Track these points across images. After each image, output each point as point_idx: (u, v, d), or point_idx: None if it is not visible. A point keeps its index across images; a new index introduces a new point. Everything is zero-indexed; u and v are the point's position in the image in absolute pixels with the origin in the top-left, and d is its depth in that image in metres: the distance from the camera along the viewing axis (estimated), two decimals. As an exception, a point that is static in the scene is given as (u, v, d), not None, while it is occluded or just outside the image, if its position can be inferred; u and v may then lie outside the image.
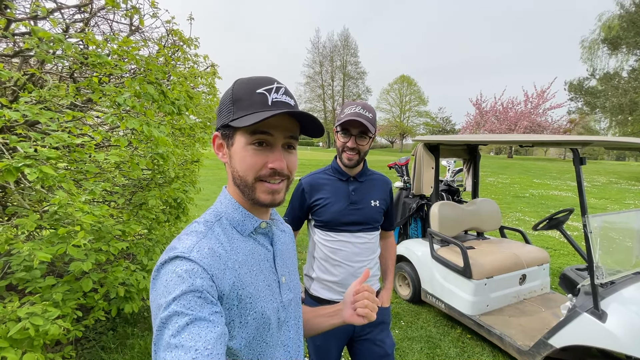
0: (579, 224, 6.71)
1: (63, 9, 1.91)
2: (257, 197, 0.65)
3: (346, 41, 54.37)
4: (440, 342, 2.74)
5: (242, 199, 0.68)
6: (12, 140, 1.27)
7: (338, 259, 1.38)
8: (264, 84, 0.64)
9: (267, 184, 0.64)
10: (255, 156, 0.63)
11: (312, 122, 0.66)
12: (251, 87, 0.64)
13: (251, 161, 0.63)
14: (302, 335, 0.81)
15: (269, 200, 0.65)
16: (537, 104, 27.96)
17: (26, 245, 1.31)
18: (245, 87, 0.64)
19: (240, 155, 0.64)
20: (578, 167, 2.06)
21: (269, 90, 0.63)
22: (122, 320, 2.66)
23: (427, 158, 3.27)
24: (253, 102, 0.62)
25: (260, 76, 0.66)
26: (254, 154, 0.63)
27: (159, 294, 0.54)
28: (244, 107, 0.62)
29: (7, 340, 1.24)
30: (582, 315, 2.03)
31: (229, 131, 0.65)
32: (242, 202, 0.69)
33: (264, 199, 0.65)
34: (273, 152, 0.64)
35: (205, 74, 3.30)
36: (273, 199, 0.66)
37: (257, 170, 0.64)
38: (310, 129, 0.69)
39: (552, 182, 13.21)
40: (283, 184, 0.66)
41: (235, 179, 0.66)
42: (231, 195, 0.70)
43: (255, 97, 0.63)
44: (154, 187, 2.42)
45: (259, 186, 0.65)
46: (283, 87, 0.66)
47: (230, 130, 0.65)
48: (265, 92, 0.63)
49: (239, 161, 0.64)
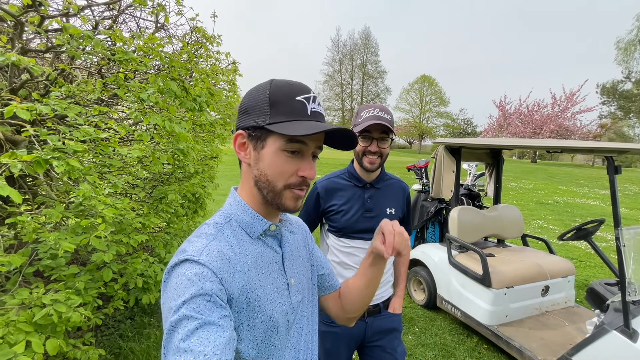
0: (606, 234, 6.37)
1: (93, 6, 1.97)
2: (283, 203, 0.65)
3: (367, 40, 53.91)
4: (455, 350, 2.66)
5: (256, 201, 0.68)
6: (43, 133, 1.32)
7: (351, 263, 1.36)
8: (302, 91, 0.64)
9: (295, 190, 0.65)
10: (287, 163, 0.63)
11: (350, 140, 0.67)
12: (290, 93, 0.63)
13: (283, 167, 0.63)
14: (315, 336, 0.80)
15: (293, 206, 0.66)
16: (565, 107, 26.77)
17: (52, 234, 1.36)
18: (284, 91, 0.63)
19: (271, 160, 0.63)
20: (612, 176, 1.94)
21: (307, 99, 0.63)
22: (139, 310, 2.74)
23: (448, 161, 3.18)
24: (293, 109, 0.62)
25: (297, 82, 0.66)
26: (287, 161, 0.63)
27: (169, 296, 0.55)
28: (284, 113, 0.62)
29: (32, 325, 1.29)
30: (610, 333, 1.91)
31: (260, 133, 0.64)
32: (253, 205, 0.68)
33: (289, 205, 0.66)
34: (304, 161, 0.64)
35: (227, 71, 3.34)
36: (296, 205, 0.66)
37: (287, 177, 0.64)
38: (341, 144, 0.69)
39: (579, 190, 12.63)
40: (305, 191, 0.67)
41: (259, 181, 0.66)
42: (240, 197, 0.69)
43: (295, 104, 0.62)
44: (174, 182, 2.47)
45: (286, 193, 0.65)
46: (316, 96, 0.66)
47: (262, 132, 0.64)
48: (304, 100, 0.63)
49: (269, 165, 0.64)
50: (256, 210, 0.68)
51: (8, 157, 1.18)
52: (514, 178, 15.37)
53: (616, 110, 24.16)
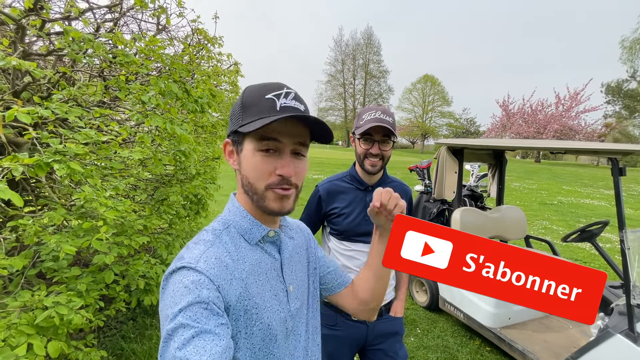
0: (611, 235, 6.31)
1: (94, 9, 1.97)
2: (266, 205, 0.65)
3: (369, 39, 53.86)
4: (457, 353, 2.65)
5: (251, 206, 0.68)
6: (44, 137, 1.33)
7: (352, 266, 1.35)
8: (273, 89, 0.64)
9: (277, 190, 0.64)
10: (263, 162, 0.63)
11: (321, 127, 0.65)
12: (260, 93, 0.64)
13: (260, 167, 0.63)
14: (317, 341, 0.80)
15: (278, 208, 0.65)
16: (569, 107, 26.58)
17: (54, 237, 1.37)
18: (254, 93, 0.64)
19: (249, 162, 0.64)
20: (617, 177, 1.92)
21: (278, 95, 0.63)
22: (141, 311, 2.75)
23: (450, 162, 3.16)
24: (261, 108, 0.62)
25: (271, 82, 0.66)
26: (263, 160, 0.63)
27: (166, 304, 0.55)
28: (253, 113, 0.63)
29: (34, 327, 1.30)
30: (615, 336, 1.89)
31: (238, 137, 0.65)
32: (251, 210, 0.68)
33: (272, 207, 0.64)
34: (282, 158, 0.63)
35: (229, 72, 3.34)
36: (282, 207, 0.65)
37: (266, 177, 0.63)
38: (319, 135, 0.68)
39: (584, 190, 12.53)
40: (292, 192, 0.65)
41: (244, 185, 0.66)
42: (239, 203, 0.69)
43: (264, 102, 0.63)
44: (176, 183, 2.47)
45: (269, 194, 0.64)
46: (293, 92, 0.65)
47: (239, 137, 0.65)
48: (274, 97, 0.63)
49: (248, 167, 0.64)
50: (254, 215, 0.68)
51: (10, 161, 1.18)
52: (518, 178, 15.28)
53: (621, 110, 23.95)
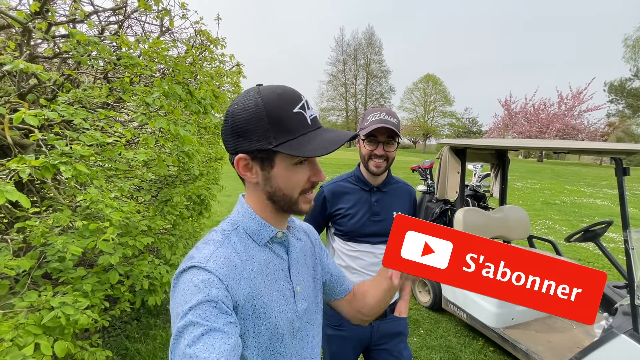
0: (615, 234, 6.28)
1: (99, 12, 1.99)
2: (300, 208, 0.69)
3: (370, 39, 53.78)
4: (460, 353, 2.65)
5: (267, 210, 0.69)
6: (50, 139, 1.34)
7: (357, 267, 1.36)
8: (296, 100, 0.63)
9: (307, 195, 0.68)
10: (298, 174, 0.66)
11: None
12: (286, 106, 0.61)
13: (296, 178, 0.66)
14: (319, 343, 0.81)
15: (308, 208, 0.70)
16: (572, 106, 26.46)
17: (60, 238, 1.38)
18: (278, 106, 0.60)
19: (285, 176, 0.65)
20: (621, 177, 1.92)
21: (303, 107, 0.64)
22: (145, 311, 2.76)
23: (453, 162, 3.16)
24: (294, 124, 0.62)
25: (286, 90, 0.63)
26: (298, 172, 0.65)
27: (177, 302, 0.56)
28: (287, 130, 0.61)
29: (41, 327, 1.31)
30: (619, 337, 1.89)
31: (267, 154, 0.63)
32: (260, 212, 0.69)
33: (304, 209, 0.69)
34: (313, 166, 0.67)
35: (231, 73, 3.35)
36: (311, 206, 0.70)
37: (301, 185, 0.67)
38: None
39: (587, 189, 12.47)
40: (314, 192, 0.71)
41: (275, 196, 0.67)
42: (248, 205, 0.70)
43: (294, 117, 0.62)
44: (179, 184, 2.49)
45: (301, 199, 0.68)
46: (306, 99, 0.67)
47: (269, 153, 0.63)
48: (301, 110, 0.63)
49: (284, 181, 0.66)
50: (264, 217, 0.69)
51: (17, 163, 1.20)
52: (520, 178, 15.23)
53: (624, 109, 23.81)
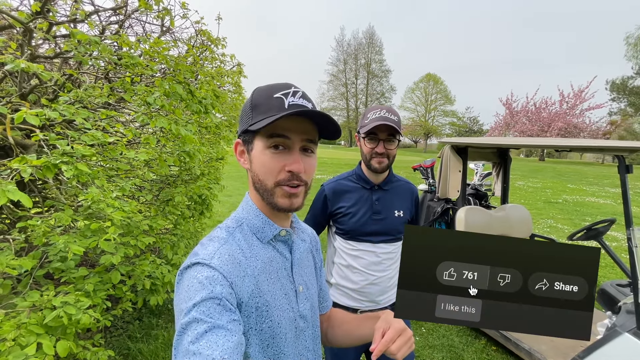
0: (617, 233, 6.26)
1: (100, 12, 1.99)
2: (275, 201, 0.66)
3: (371, 39, 53.76)
4: (463, 352, 2.64)
5: (263, 204, 0.69)
6: (52, 138, 1.34)
7: (358, 266, 1.35)
8: (281, 89, 0.65)
9: (285, 187, 0.65)
10: (273, 160, 0.64)
11: (329, 123, 0.66)
12: (268, 93, 0.65)
13: (269, 165, 0.64)
14: (320, 344, 0.81)
15: (287, 204, 0.66)
16: (574, 104, 26.35)
17: (62, 238, 1.38)
18: (263, 93, 0.66)
19: (259, 160, 0.65)
20: (624, 175, 1.90)
21: (286, 94, 0.64)
22: (147, 311, 2.77)
23: (454, 161, 3.15)
24: (270, 107, 0.63)
25: (279, 82, 0.68)
26: (273, 158, 0.64)
27: (181, 298, 0.56)
28: (262, 112, 0.64)
29: (43, 327, 1.31)
30: (623, 335, 1.88)
31: (248, 136, 0.67)
32: (263, 209, 0.69)
33: (282, 204, 0.65)
34: (291, 155, 0.64)
35: (232, 72, 3.35)
36: (291, 204, 0.66)
37: (276, 174, 0.64)
38: (327, 131, 0.69)
39: (589, 188, 12.42)
40: (301, 189, 0.66)
41: (255, 183, 0.67)
42: (252, 202, 0.70)
43: (273, 101, 0.64)
44: (180, 184, 2.49)
45: (277, 191, 0.65)
46: (300, 91, 0.66)
47: (249, 136, 0.66)
48: (282, 96, 0.64)
49: (258, 165, 0.65)
50: (266, 214, 0.69)
51: (19, 162, 1.20)
52: (522, 176, 15.19)
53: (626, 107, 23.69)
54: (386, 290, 1.38)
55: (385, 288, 1.37)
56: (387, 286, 1.38)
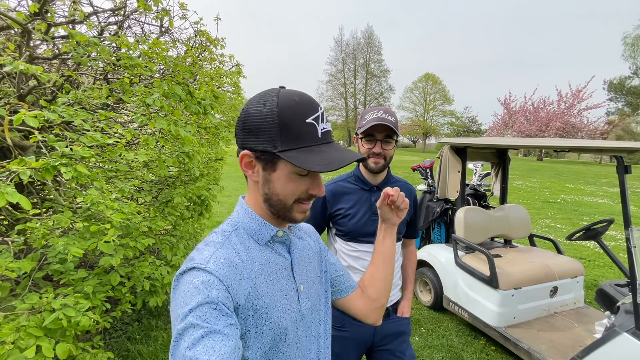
0: (615, 233, 6.28)
1: (99, 13, 1.98)
2: (293, 216, 0.68)
3: (370, 39, 53.73)
4: (462, 352, 2.64)
5: (262, 209, 0.69)
6: (50, 140, 1.33)
7: (359, 267, 1.35)
8: (311, 111, 0.62)
9: (302, 205, 0.67)
10: (298, 184, 0.65)
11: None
12: (300, 114, 0.61)
13: (294, 188, 0.65)
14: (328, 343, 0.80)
15: (302, 218, 0.69)
16: (571, 104, 26.42)
17: (61, 240, 1.38)
18: (292, 112, 0.60)
19: (283, 183, 0.65)
20: (622, 176, 1.91)
21: (317, 119, 0.63)
22: (147, 313, 2.76)
23: (454, 161, 3.16)
24: (303, 134, 0.61)
25: (303, 96, 0.63)
26: (298, 182, 0.65)
27: (177, 304, 0.56)
28: (294, 138, 0.60)
29: (42, 329, 1.31)
30: (621, 335, 1.88)
31: (271, 157, 0.62)
32: (260, 212, 0.69)
33: (297, 218, 0.68)
34: (314, 179, 0.66)
35: (231, 73, 3.35)
36: (305, 217, 0.69)
37: (298, 195, 0.66)
38: None
39: (587, 188, 12.46)
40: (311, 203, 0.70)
41: (270, 200, 0.67)
42: (247, 205, 0.70)
43: (305, 127, 0.61)
44: (180, 185, 2.48)
45: (295, 207, 0.67)
46: (322, 110, 0.65)
47: (273, 157, 0.62)
48: (314, 121, 0.62)
49: (282, 187, 0.65)
50: (263, 217, 0.69)
51: (17, 164, 1.19)
52: (520, 176, 15.23)
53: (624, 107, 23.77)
54: None
55: None
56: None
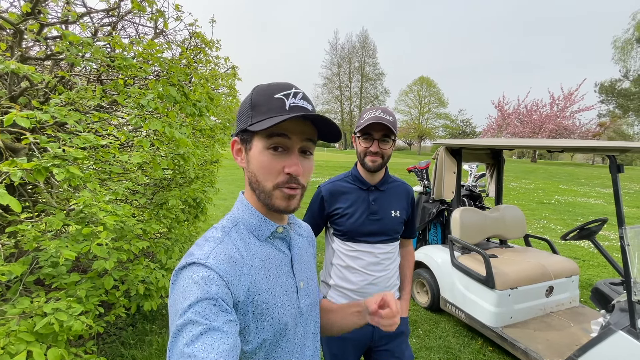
0: (609, 233, 6.35)
1: (92, 13, 1.97)
2: (273, 202, 0.65)
3: (365, 42, 54.14)
4: (460, 353, 2.64)
5: (259, 203, 0.68)
6: (42, 141, 1.32)
7: (357, 267, 1.35)
8: (282, 89, 0.65)
9: (284, 190, 0.65)
10: (272, 161, 0.63)
11: (329, 126, 0.66)
12: (269, 93, 0.65)
13: (268, 166, 0.64)
14: (319, 340, 0.80)
15: (284, 206, 0.66)
16: (564, 107, 26.83)
17: (53, 243, 1.35)
18: (263, 93, 0.65)
19: (258, 160, 0.64)
20: (615, 175, 1.93)
21: (287, 95, 0.64)
22: (141, 317, 2.72)
23: (449, 162, 3.17)
24: (271, 107, 0.63)
25: (279, 82, 0.67)
26: (272, 159, 0.63)
27: (176, 299, 0.55)
28: (262, 112, 0.63)
29: (34, 334, 1.28)
30: (617, 333, 1.90)
31: (247, 136, 0.66)
32: (259, 207, 0.69)
33: (279, 205, 0.65)
34: (290, 157, 0.64)
35: (226, 75, 3.34)
36: (288, 205, 0.66)
37: (275, 176, 0.64)
38: (326, 134, 0.69)
39: (580, 189, 12.62)
40: (298, 191, 0.66)
41: (252, 183, 0.67)
42: (247, 201, 0.70)
43: (274, 102, 0.63)
44: (175, 187, 2.46)
45: (276, 193, 0.65)
46: (301, 92, 0.66)
47: (248, 135, 0.66)
48: (283, 97, 0.64)
49: (257, 165, 0.65)
50: (262, 212, 0.69)
51: (8, 166, 1.17)
52: (515, 178, 15.37)
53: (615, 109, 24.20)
54: (385, 290, 1.38)
55: (383, 288, 1.37)
56: (386, 286, 1.38)
